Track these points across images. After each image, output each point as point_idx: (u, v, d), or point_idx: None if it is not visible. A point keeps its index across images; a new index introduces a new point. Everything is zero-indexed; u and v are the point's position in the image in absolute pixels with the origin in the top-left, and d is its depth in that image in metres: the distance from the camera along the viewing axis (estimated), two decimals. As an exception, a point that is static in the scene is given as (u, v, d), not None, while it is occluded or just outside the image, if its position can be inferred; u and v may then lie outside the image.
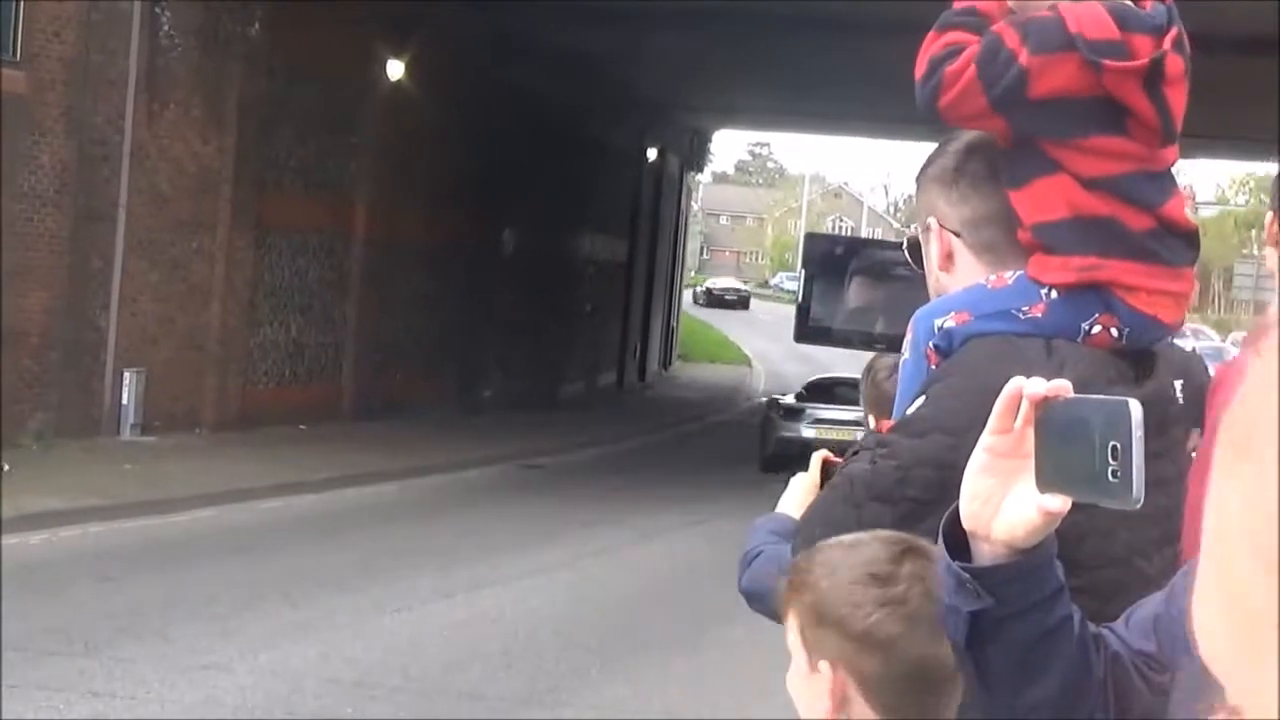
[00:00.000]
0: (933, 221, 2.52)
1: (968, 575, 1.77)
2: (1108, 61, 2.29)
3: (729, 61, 29.31)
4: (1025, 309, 2.39)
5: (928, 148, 2.69)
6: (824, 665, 1.97)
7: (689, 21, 24.58)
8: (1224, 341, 49.04)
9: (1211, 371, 3.14)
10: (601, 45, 28.27)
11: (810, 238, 3.20)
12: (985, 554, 1.78)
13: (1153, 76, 2.32)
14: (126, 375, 19.57)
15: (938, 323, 2.45)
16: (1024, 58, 2.32)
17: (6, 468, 16.33)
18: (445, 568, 13.86)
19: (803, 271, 3.22)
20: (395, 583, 13.01)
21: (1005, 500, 1.76)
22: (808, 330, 3.20)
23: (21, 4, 17.89)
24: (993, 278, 2.45)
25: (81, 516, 14.90)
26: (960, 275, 2.50)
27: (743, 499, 17.05)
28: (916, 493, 2.25)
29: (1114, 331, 2.40)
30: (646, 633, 12.08)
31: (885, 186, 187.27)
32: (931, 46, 2.42)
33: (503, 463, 22.14)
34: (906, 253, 2.68)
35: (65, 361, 18.97)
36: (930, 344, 2.46)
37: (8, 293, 17.96)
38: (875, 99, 33.20)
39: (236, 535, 15.02)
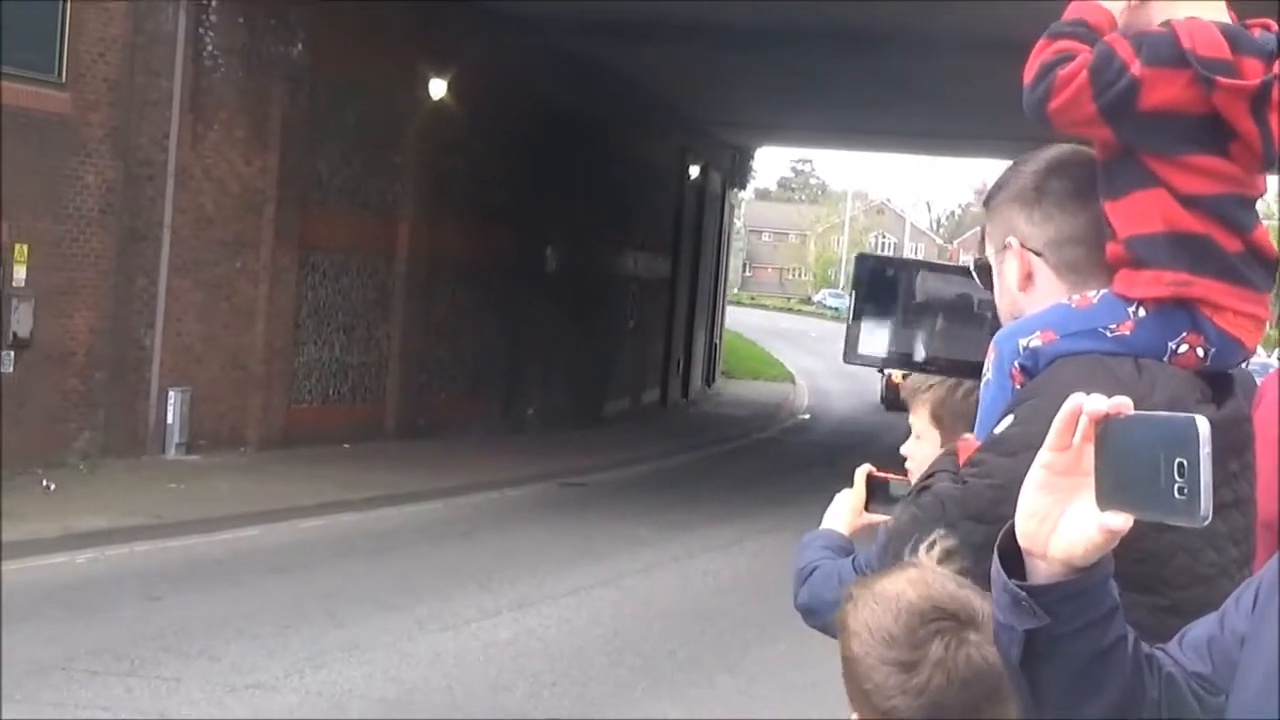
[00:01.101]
0: (1013, 241, 2.51)
1: (1023, 593, 1.75)
2: (1221, 79, 2.29)
3: (770, 78, 29.31)
4: (1113, 327, 2.39)
5: (969, 164, 2.68)
6: (854, 716, 2.10)
7: (730, 39, 24.60)
8: (1270, 357, 48.72)
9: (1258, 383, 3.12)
10: (643, 63, 28.34)
11: (861, 258, 3.16)
12: (1041, 572, 1.77)
13: (1260, 99, 2.32)
14: (171, 394, 19.66)
15: (1022, 342, 2.44)
16: (1136, 68, 2.32)
17: (52, 487, 16.45)
18: (489, 586, 13.86)
19: (853, 292, 3.19)
20: (440, 601, 13.02)
21: (1063, 518, 1.74)
22: (856, 352, 3.17)
23: (66, 26, 18.01)
24: (1076, 297, 2.44)
25: (127, 535, 14.96)
26: (1039, 295, 2.49)
27: (787, 516, 17.05)
28: (1012, 511, 2.23)
29: (1200, 352, 2.39)
30: (692, 650, 12.04)
31: (928, 203, 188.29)
32: (1043, 52, 2.42)
33: (546, 480, 22.13)
34: (975, 274, 2.66)
35: (111, 381, 19.08)
36: (1016, 364, 2.45)
37: (54, 313, 18.08)
38: (917, 115, 33.27)
39: (281, 554, 15.05)
